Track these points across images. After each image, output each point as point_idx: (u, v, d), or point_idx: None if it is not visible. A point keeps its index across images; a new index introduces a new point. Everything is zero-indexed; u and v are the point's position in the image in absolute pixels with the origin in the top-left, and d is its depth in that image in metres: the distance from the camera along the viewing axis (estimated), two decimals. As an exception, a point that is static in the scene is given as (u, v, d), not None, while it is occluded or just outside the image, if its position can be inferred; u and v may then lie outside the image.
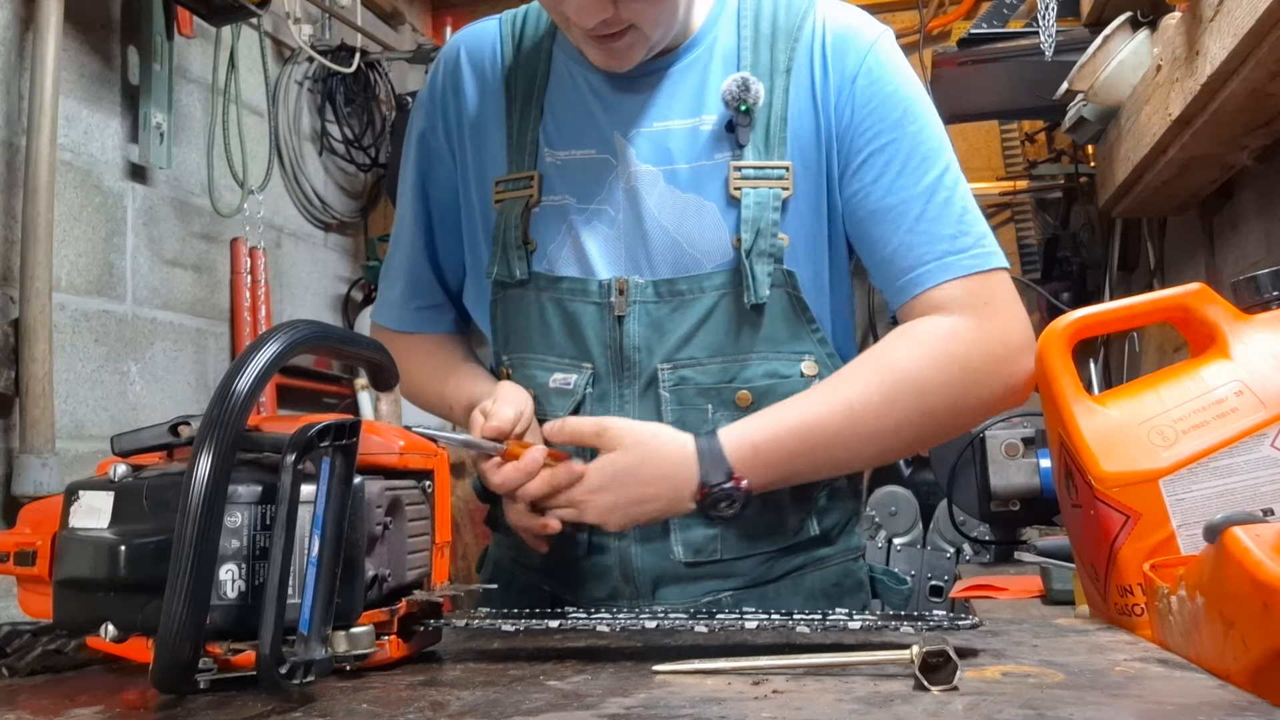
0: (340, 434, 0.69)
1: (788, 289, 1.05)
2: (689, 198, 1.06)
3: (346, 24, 3.13)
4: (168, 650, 0.62)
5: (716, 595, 1.10)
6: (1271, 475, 0.80)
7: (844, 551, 1.15)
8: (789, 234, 1.05)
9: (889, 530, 3.38)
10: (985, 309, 1.03)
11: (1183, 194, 1.97)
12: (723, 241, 1.05)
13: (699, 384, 1.06)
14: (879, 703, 0.60)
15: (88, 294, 2.18)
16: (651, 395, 1.06)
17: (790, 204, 1.05)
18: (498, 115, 1.15)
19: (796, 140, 1.06)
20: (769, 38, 1.08)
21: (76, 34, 2.16)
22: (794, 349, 1.06)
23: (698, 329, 1.06)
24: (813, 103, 1.07)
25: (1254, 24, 1.26)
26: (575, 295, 1.08)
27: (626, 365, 1.07)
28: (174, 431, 0.74)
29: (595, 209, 1.09)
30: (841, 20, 1.09)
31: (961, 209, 1.05)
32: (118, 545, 0.67)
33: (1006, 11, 2.31)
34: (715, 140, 1.06)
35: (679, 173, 1.07)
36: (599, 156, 1.09)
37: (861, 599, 1.17)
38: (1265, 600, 0.59)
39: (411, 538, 0.79)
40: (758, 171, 1.04)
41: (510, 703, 0.63)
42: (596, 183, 1.09)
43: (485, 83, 1.16)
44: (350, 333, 0.86)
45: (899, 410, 1.01)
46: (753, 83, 1.05)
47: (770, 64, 1.07)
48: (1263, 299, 0.89)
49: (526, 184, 1.11)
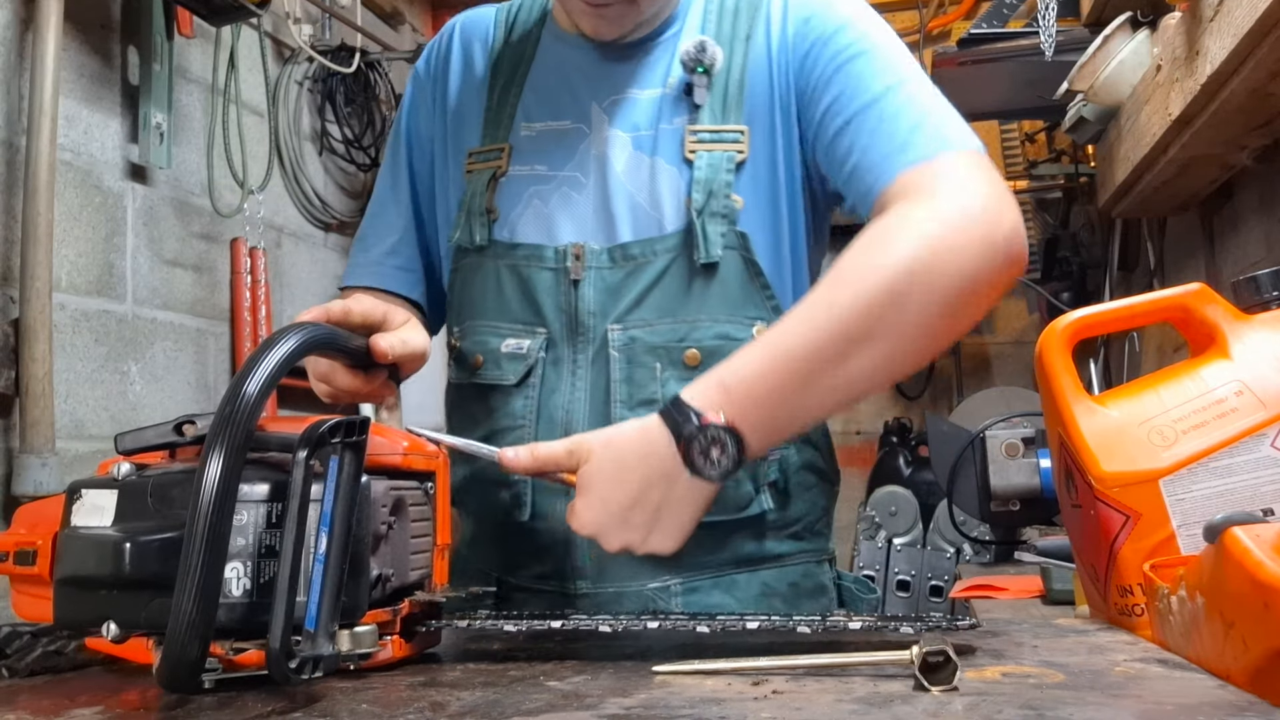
0: (350, 431, 0.69)
1: (741, 251, 1.05)
2: (651, 160, 1.08)
3: (346, 24, 3.13)
4: (176, 649, 0.62)
5: (665, 583, 1.07)
6: (1271, 475, 0.80)
7: (808, 552, 1.13)
8: (743, 196, 1.05)
9: (889, 530, 3.38)
10: (926, 192, 0.94)
11: (1183, 194, 1.97)
12: (679, 203, 1.06)
13: (647, 343, 1.06)
14: (879, 703, 0.61)
15: (88, 294, 2.18)
16: (602, 356, 1.07)
17: (746, 167, 1.06)
18: (480, 92, 1.18)
19: (754, 105, 1.07)
20: (733, 9, 1.11)
21: (76, 34, 2.16)
22: (747, 313, 1.06)
23: (649, 291, 1.06)
24: (769, 66, 1.08)
25: (1254, 24, 1.26)
26: (531, 261, 1.09)
27: (580, 329, 1.07)
28: (178, 430, 0.74)
29: (566, 176, 1.11)
30: None
31: (922, 110, 1.01)
32: (122, 543, 0.67)
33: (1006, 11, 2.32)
34: (675, 104, 1.08)
35: (644, 138, 1.09)
36: (574, 126, 1.12)
37: (823, 604, 1.13)
38: (1265, 600, 0.59)
39: (414, 538, 0.80)
40: (713, 135, 1.06)
41: (510, 703, 0.64)
42: (569, 151, 1.11)
43: (472, 62, 1.20)
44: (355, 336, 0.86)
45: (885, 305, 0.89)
46: (709, 44, 1.07)
47: (732, 32, 1.10)
48: (1263, 299, 0.89)
49: (496, 155, 1.13)
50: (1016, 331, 3.68)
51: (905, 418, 3.61)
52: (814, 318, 0.91)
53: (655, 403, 1.03)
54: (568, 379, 1.07)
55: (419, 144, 1.23)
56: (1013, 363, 3.67)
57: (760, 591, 1.10)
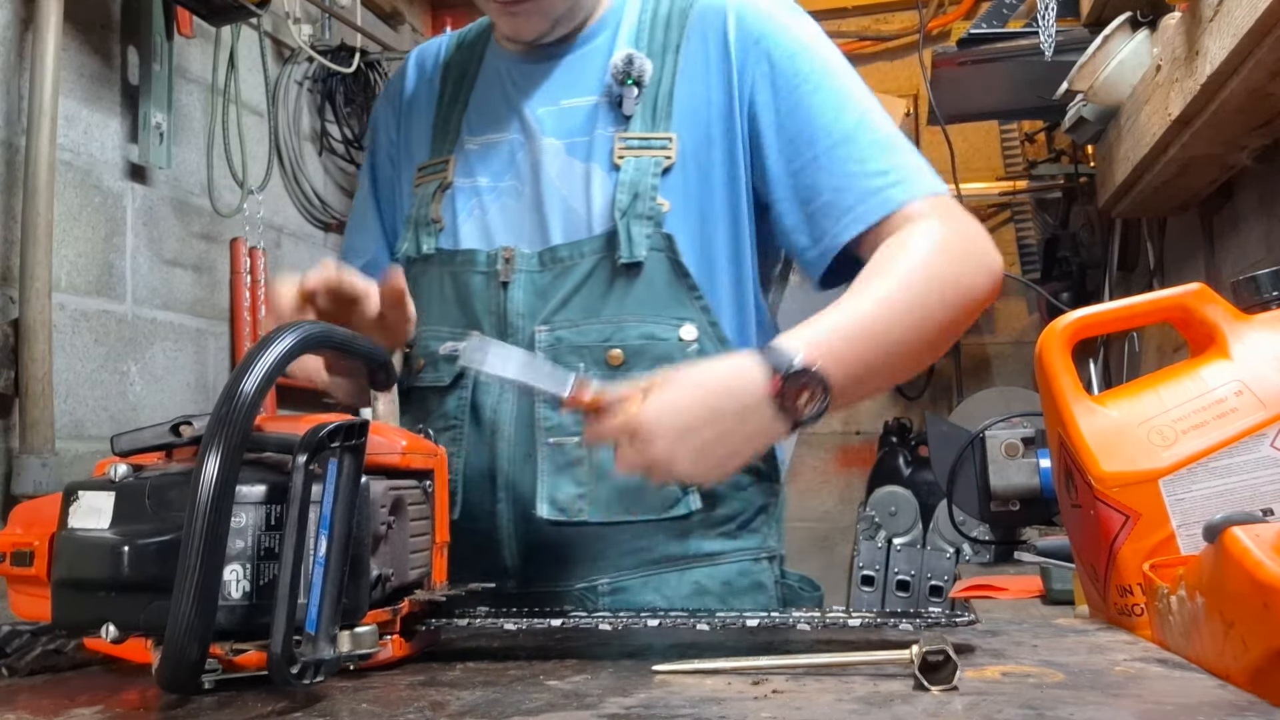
0: (350, 435, 0.69)
1: (667, 253, 1.08)
2: (584, 165, 1.12)
3: (346, 24, 3.13)
4: (175, 650, 0.62)
5: (593, 583, 1.08)
6: (1271, 475, 0.80)
7: (744, 550, 1.12)
8: (671, 200, 1.08)
9: (889, 530, 3.38)
10: (950, 217, 1.04)
11: (1183, 194, 1.97)
12: (607, 206, 1.09)
13: (572, 343, 1.08)
14: (879, 703, 0.60)
15: (88, 294, 2.18)
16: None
17: (674, 172, 1.09)
18: (429, 109, 1.24)
19: (685, 114, 1.10)
20: (664, 22, 1.14)
21: (76, 34, 2.16)
22: (674, 313, 1.07)
23: (575, 292, 1.09)
24: (707, 78, 1.11)
25: (1254, 24, 1.26)
26: (466, 267, 1.14)
27: (510, 331, 1.10)
28: (175, 431, 0.74)
29: (506, 185, 1.15)
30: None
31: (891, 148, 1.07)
32: (120, 545, 0.67)
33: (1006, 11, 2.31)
34: (607, 113, 1.12)
35: (578, 145, 1.13)
36: (511, 136, 1.16)
37: (761, 602, 1.13)
38: (1265, 600, 0.59)
39: (413, 537, 0.80)
40: (641, 142, 1.10)
41: (510, 703, 0.64)
42: (508, 161, 1.15)
43: (424, 83, 1.26)
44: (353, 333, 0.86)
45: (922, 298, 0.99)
46: (637, 57, 1.11)
47: (663, 43, 1.13)
48: (1263, 299, 0.89)
49: (441, 168, 1.18)
50: (1016, 331, 3.68)
51: (905, 418, 3.61)
52: (890, 301, 0.98)
53: None
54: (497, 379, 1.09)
55: (382, 168, 1.29)
56: (1013, 363, 3.67)
57: (692, 590, 1.09)
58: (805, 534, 3.80)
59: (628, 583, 1.09)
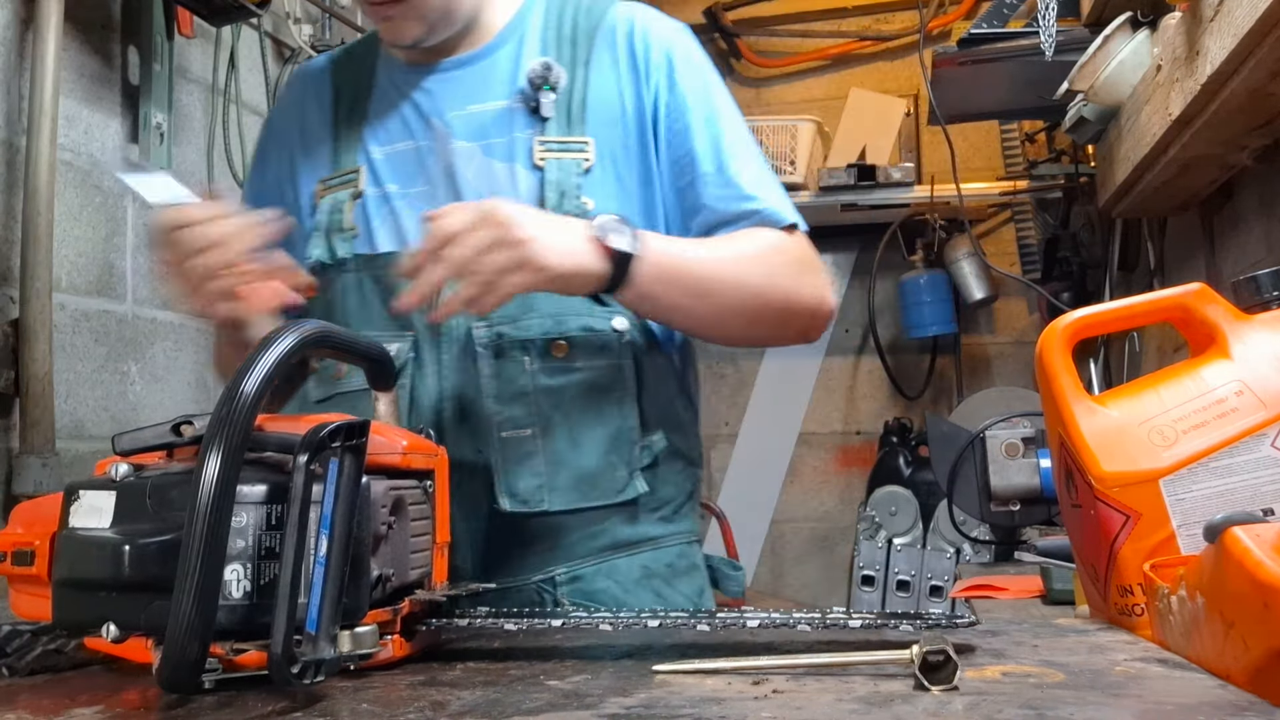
0: (350, 435, 0.69)
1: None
2: (505, 166, 1.16)
3: (346, 24, 3.13)
4: (176, 649, 0.62)
5: (549, 574, 1.13)
6: (1271, 475, 0.80)
7: (679, 534, 1.21)
8: (592, 199, 1.15)
9: (889, 530, 3.38)
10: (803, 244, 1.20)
11: (1183, 194, 1.97)
12: (535, 204, 1.13)
13: (515, 338, 1.12)
14: (879, 703, 0.60)
15: (88, 294, 2.18)
16: (469, 354, 1.12)
17: (593, 173, 1.16)
18: (324, 128, 1.26)
19: (598, 121, 1.18)
20: (570, 36, 1.22)
21: (76, 34, 2.16)
22: (604, 306, 1.13)
23: None
24: (619, 88, 1.19)
25: (1254, 24, 1.26)
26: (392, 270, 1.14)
27: (443, 329, 1.13)
28: (176, 431, 0.74)
29: (417, 192, 1.18)
30: (643, 16, 1.24)
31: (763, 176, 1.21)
32: (121, 545, 0.67)
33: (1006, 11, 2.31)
34: (525, 118, 1.18)
35: (494, 146, 1.17)
36: (420, 144, 1.20)
37: (698, 582, 1.22)
38: (1265, 600, 0.59)
39: (414, 537, 0.80)
40: (560, 145, 1.16)
41: (510, 703, 0.64)
42: (418, 168, 1.19)
43: (314, 101, 1.29)
44: (353, 333, 0.86)
45: (745, 272, 1.12)
46: (554, 65, 1.18)
47: (572, 57, 1.20)
48: (1263, 299, 0.89)
49: (352, 178, 1.21)
50: (1016, 331, 3.68)
51: (905, 418, 3.61)
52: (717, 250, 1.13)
53: (528, 395, 1.11)
54: (433, 379, 1.12)
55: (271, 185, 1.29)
56: (1013, 363, 3.67)
57: (641, 574, 1.16)
58: (805, 534, 3.80)
59: (583, 571, 1.14)
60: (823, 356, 3.81)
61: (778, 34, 3.84)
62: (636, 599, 1.16)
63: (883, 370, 3.69)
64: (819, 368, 3.82)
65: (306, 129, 1.27)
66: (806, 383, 3.82)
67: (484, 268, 0.96)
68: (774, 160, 3.38)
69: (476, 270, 0.96)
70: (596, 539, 1.15)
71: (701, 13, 3.80)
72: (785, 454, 3.83)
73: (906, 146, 3.64)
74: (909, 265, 3.56)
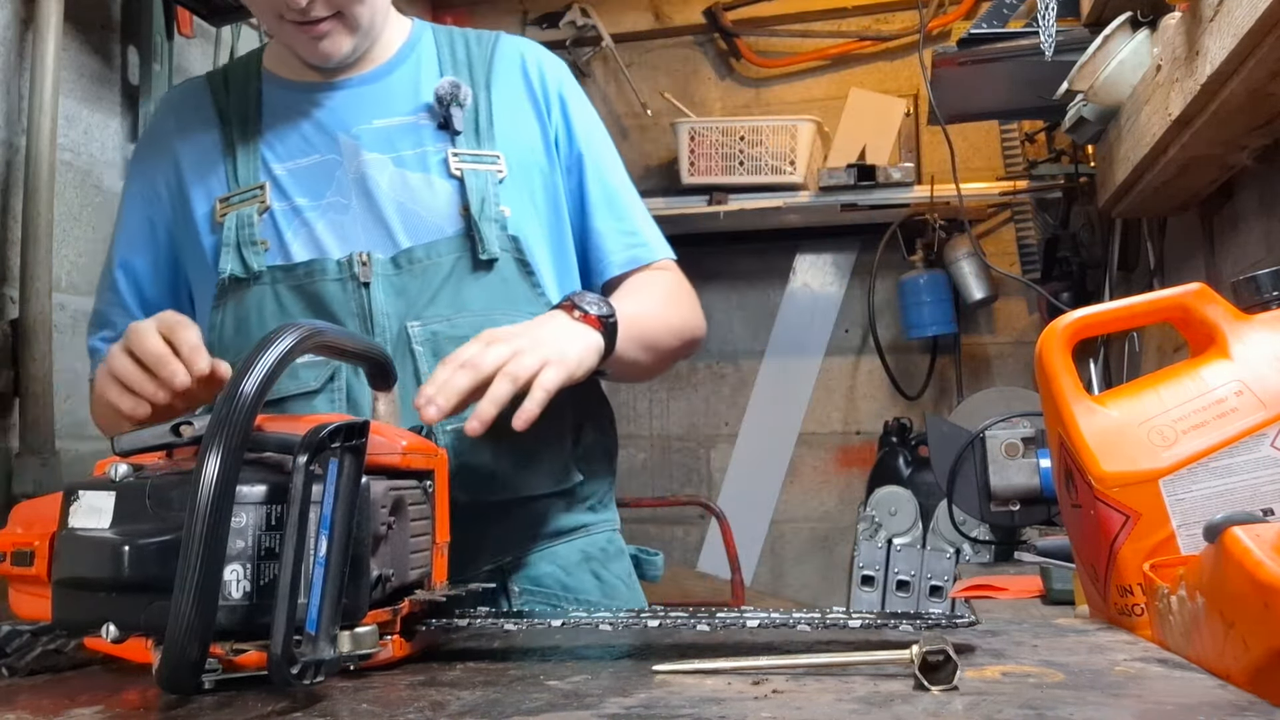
0: (350, 435, 0.69)
1: (514, 254, 1.21)
2: (420, 176, 1.21)
3: (346, 24, 3.13)
4: (175, 650, 0.62)
5: (499, 562, 1.18)
6: (1271, 475, 0.80)
7: (605, 521, 1.30)
8: (508, 207, 1.21)
9: (889, 530, 3.38)
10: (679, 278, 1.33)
11: (1183, 194, 1.97)
12: (455, 211, 1.19)
13: (450, 335, 1.15)
14: (879, 703, 0.60)
15: (88, 294, 2.18)
16: (404, 352, 1.15)
17: (506, 183, 1.23)
18: (215, 150, 1.26)
19: (505, 138, 1.25)
20: (466, 63, 1.29)
21: (76, 34, 2.16)
22: (526, 307, 1.18)
23: (440, 289, 1.18)
24: (521, 112, 1.28)
25: (1254, 24, 1.26)
26: (315, 276, 1.18)
27: (376, 330, 1.16)
28: (176, 431, 0.74)
29: (328, 203, 1.21)
30: (533, 51, 1.33)
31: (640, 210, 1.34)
32: (121, 545, 0.67)
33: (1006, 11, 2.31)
34: (434, 132, 1.23)
35: (406, 158, 1.22)
36: (326, 158, 1.22)
37: (625, 564, 1.31)
38: (1265, 600, 0.59)
39: (414, 537, 0.80)
40: (474, 157, 1.22)
41: (510, 703, 0.64)
42: (326, 180, 1.21)
43: (199, 125, 1.28)
44: (353, 333, 0.86)
45: (664, 316, 1.26)
46: (462, 84, 1.24)
47: (470, 82, 1.26)
48: (1263, 299, 0.89)
49: (256, 194, 1.21)
50: (1016, 331, 3.68)
51: (905, 418, 3.61)
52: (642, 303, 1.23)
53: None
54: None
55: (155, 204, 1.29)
56: (1013, 363, 3.67)
57: (580, 558, 1.24)
58: (805, 534, 3.80)
59: (529, 557, 1.21)
60: (823, 356, 3.81)
61: (778, 34, 3.84)
62: (578, 581, 1.23)
63: (883, 370, 3.69)
64: (819, 368, 3.82)
65: (193, 151, 1.27)
66: (806, 383, 3.82)
67: (518, 369, 0.99)
68: (774, 160, 3.39)
69: (509, 370, 0.99)
70: (540, 525, 1.22)
71: (701, 13, 3.80)
72: (785, 454, 3.83)
73: (906, 146, 3.64)
74: (909, 265, 3.56)
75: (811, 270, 3.84)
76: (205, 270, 1.23)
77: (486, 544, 1.18)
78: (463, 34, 1.33)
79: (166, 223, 1.28)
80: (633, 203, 1.33)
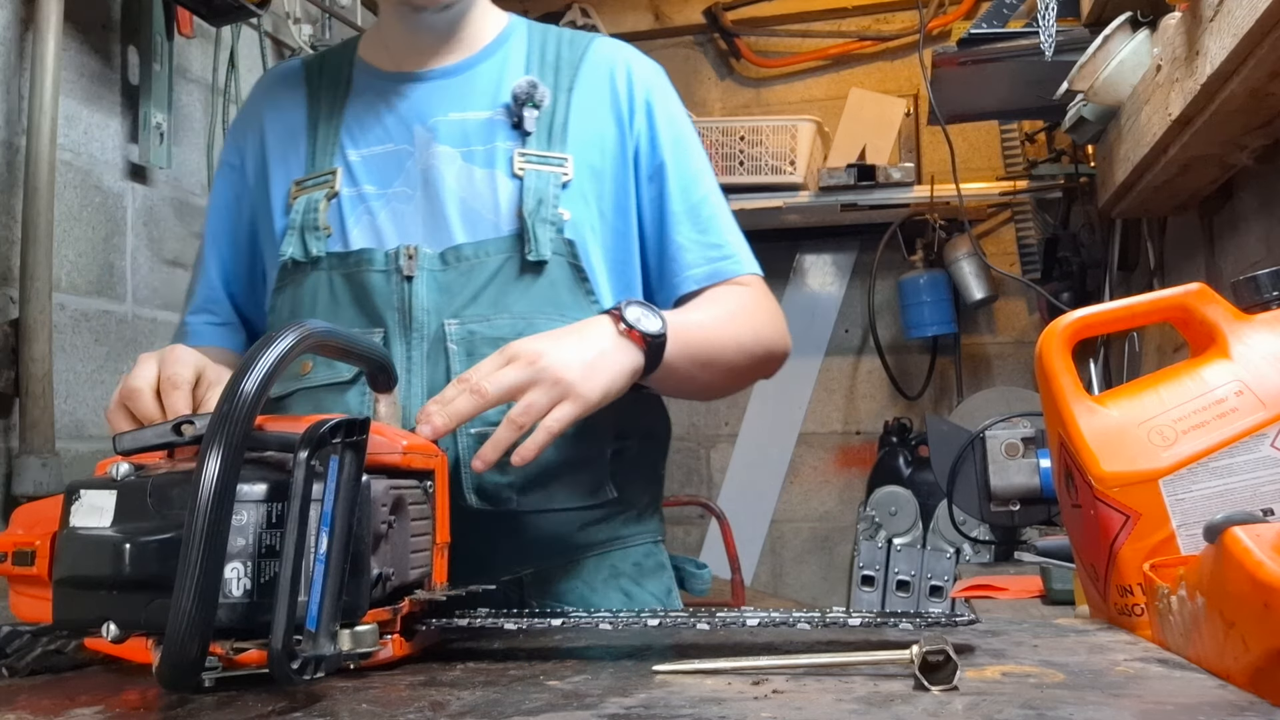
0: (350, 431, 0.69)
1: (568, 258, 1.17)
2: (485, 172, 1.19)
3: (346, 24, 3.13)
4: (175, 647, 0.62)
5: (517, 574, 1.13)
6: (1271, 475, 0.80)
7: (646, 533, 1.24)
8: (568, 210, 1.18)
9: (889, 530, 3.38)
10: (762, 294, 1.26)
11: (1183, 194, 1.97)
12: (513, 210, 1.16)
13: (486, 336, 1.12)
14: (879, 703, 0.61)
15: (88, 294, 2.18)
16: (439, 350, 1.13)
17: (570, 187, 1.19)
18: (299, 132, 1.27)
19: (578, 144, 1.21)
20: (553, 64, 1.26)
21: (76, 34, 2.16)
22: (574, 314, 1.13)
23: (485, 288, 1.14)
24: (600, 120, 1.24)
25: (1254, 24, 1.26)
26: (363, 266, 1.17)
27: (415, 325, 1.13)
28: (177, 430, 0.74)
29: (395, 192, 1.20)
30: (625, 56, 1.29)
31: (728, 221, 1.27)
32: (122, 544, 0.67)
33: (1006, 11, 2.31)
34: (508, 130, 1.21)
35: (475, 153, 1.20)
36: (399, 148, 1.22)
37: (664, 581, 1.24)
38: (1265, 600, 0.59)
39: (414, 537, 0.80)
40: (540, 159, 1.19)
41: (510, 703, 0.64)
42: (396, 169, 1.21)
43: (289, 107, 1.30)
44: (354, 333, 0.86)
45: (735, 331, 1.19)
46: (540, 84, 1.22)
47: (555, 84, 1.24)
48: (1263, 299, 0.89)
49: (327, 179, 1.22)
50: (1016, 331, 3.68)
51: (905, 418, 3.61)
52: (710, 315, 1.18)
53: None
54: (402, 373, 1.12)
55: (239, 199, 1.30)
56: (1013, 363, 3.67)
57: (608, 574, 1.18)
58: (805, 534, 3.80)
59: (549, 571, 1.15)
60: (823, 356, 3.81)
61: (778, 34, 3.84)
62: (604, 598, 1.17)
63: (883, 370, 3.69)
64: (819, 368, 3.82)
65: (280, 129, 1.29)
66: (806, 383, 3.82)
67: (525, 413, 0.95)
68: (774, 160, 3.39)
69: (515, 417, 0.95)
70: (564, 540, 1.15)
71: (701, 13, 3.81)
72: (785, 454, 3.83)
73: (906, 146, 3.64)
74: (909, 265, 3.56)
75: (811, 270, 3.84)
76: (275, 251, 1.23)
77: (500, 554, 1.13)
78: (558, 34, 1.31)
79: (250, 201, 1.29)
80: (718, 215, 1.26)
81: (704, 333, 1.15)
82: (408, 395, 1.12)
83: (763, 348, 1.22)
